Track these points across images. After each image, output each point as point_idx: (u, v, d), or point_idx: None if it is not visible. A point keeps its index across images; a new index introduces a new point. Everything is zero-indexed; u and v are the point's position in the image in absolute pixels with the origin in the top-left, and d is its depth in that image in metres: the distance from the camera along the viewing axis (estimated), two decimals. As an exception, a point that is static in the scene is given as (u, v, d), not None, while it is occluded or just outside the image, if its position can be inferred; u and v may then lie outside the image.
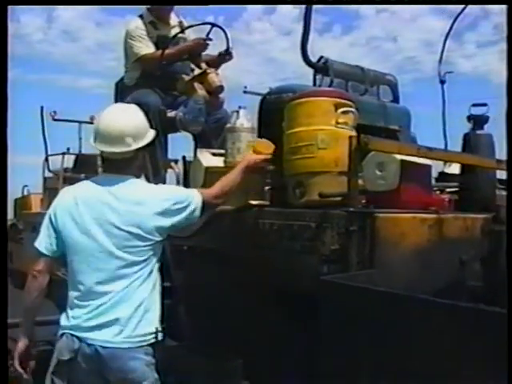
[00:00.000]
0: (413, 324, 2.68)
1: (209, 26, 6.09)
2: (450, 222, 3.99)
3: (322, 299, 3.13)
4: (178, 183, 5.57)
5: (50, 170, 15.04)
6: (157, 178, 5.36)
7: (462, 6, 5.85)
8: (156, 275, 3.58)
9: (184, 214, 3.61)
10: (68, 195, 3.65)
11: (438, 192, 5.48)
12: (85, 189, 3.65)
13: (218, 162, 4.92)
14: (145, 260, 3.49)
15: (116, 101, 6.37)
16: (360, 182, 3.86)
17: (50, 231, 3.63)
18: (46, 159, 14.89)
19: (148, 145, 3.73)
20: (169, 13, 6.40)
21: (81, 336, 3.40)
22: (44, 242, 3.66)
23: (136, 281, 3.46)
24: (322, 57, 5.34)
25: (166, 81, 6.11)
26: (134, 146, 3.61)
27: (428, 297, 2.73)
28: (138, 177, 3.70)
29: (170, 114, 5.94)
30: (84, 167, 14.39)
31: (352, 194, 3.67)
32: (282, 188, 4.25)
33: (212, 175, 4.74)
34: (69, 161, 14.73)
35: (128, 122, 3.64)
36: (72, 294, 3.55)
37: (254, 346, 3.98)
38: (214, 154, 5.08)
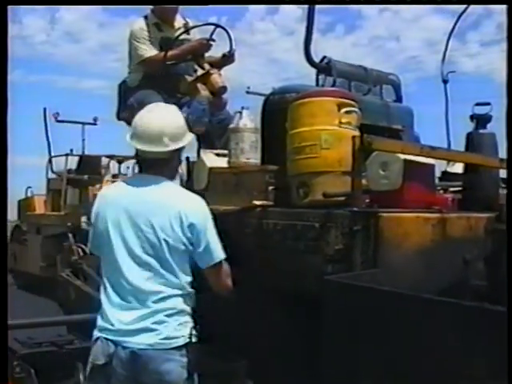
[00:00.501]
0: (417, 323, 2.68)
1: (212, 27, 6.10)
2: (453, 221, 3.99)
3: (326, 299, 3.14)
4: (181, 184, 5.58)
5: (53, 172, 15.10)
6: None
7: (465, 5, 5.87)
8: (191, 279, 3.57)
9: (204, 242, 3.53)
10: (104, 196, 3.69)
11: (441, 191, 5.48)
12: (119, 190, 3.67)
13: (222, 162, 4.93)
14: (176, 265, 3.48)
15: (119, 102, 6.39)
16: (363, 181, 3.87)
17: (92, 232, 3.70)
18: (50, 160, 14.94)
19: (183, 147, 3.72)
20: (174, 14, 6.39)
21: (116, 340, 3.39)
22: (90, 242, 3.76)
23: (172, 284, 3.46)
24: (324, 57, 5.34)
25: (169, 82, 6.11)
26: (172, 147, 3.59)
27: (432, 296, 2.73)
28: (172, 178, 3.69)
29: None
30: (87, 168, 14.44)
31: (356, 193, 3.68)
32: (286, 188, 4.26)
33: (215, 176, 4.75)
34: (72, 162, 14.78)
35: (168, 122, 3.62)
36: (107, 298, 3.54)
37: (257, 345, 3.99)
38: (217, 155, 5.08)
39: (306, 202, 4.07)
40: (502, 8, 3.43)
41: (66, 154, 14.62)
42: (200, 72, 6.05)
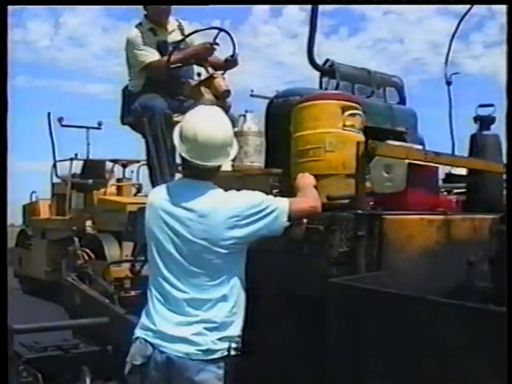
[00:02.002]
0: (422, 325, 2.69)
1: (215, 30, 6.11)
2: (457, 223, 4.00)
3: (330, 301, 3.15)
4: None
5: (58, 176, 15.14)
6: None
7: (467, 6, 5.87)
8: (239, 289, 3.56)
9: (262, 222, 3.48)
10: (152, 203, 3.66)
11: (445, 193, 5.48)
12: (165, 194, 3.62)
13: (226, 165, 4.94)
14: (222, 273, 3.47)
15: (123, 107, 6.39)
16: (367, 184, 3.87)
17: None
18: (54, 165, 14.98)
19: None
20: (167, 17, 6.39)
21: (155, 343, 3.41)
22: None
23: (217, 293, 3.46)
24: (328, 60, 5.34)
25: (172, 85, 6.11)
26: (232, 155, 3.63)
27: (437, 298, 2.74)
28: (216, 183, 3.65)
29: (177, 118, 5.95)
30: (92, 172, 14.48)
31: (360, 196, 3.68)
32: (290, 191, 4.26)
33: (220, 179, 4.76)
34: (77, 166, 14.82)
35: (226, 130, 3.59)
36: (153, 300, 3.54)
37: (261, 348, 3.99)
38: (221, 158, 5.08)
39: (310, 204, 4.07)
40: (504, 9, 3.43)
41: (71, 159, 14.67)
42: (204, 76, 6.06)
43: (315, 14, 4.77)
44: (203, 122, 3.52)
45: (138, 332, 3.51)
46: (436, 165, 4.25)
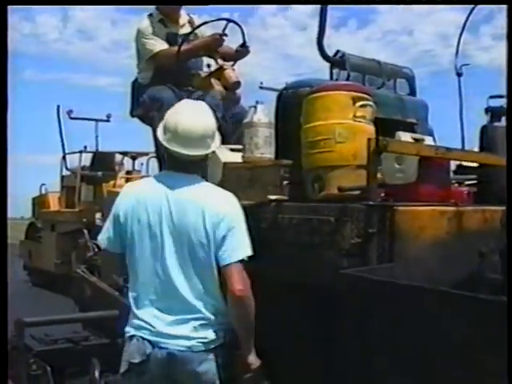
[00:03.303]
0: (433, 316, 2.68)
1: (223, 22, 6.11)
2: (469, 214, 3.98)
3: (342, 293, 3.14)
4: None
5: (67, 169, 15.20)
6: None
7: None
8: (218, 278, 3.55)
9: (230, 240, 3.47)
10: (132, 194, 3.62)
11: (456, 185, 5.46)
12: (150, 188, 3.60)
13: (236, 157, 4.93)
14: (208, 267, 3.47)
15: (132, 99, 6.41)
16: (379, 175, 3.86)
17: (113, 230, 3.62)
18: (64, 157, 15.05)
19: None
20: (178, 10, 6.43)
21: (153, 340, 3.41)
22: (111, 240, 3.64)
23: (209, 286, 3.47)
24: (338, 51, 5.32)
25: (181, 77, 6.12)
26: (213, 148, 3.63)
27: (448, 289, 2.73)
28: (204, 177, 3.69)
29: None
30: (101, 165, 14.52)
31: (371, 187, 3.67)
32: (301, 182, 4.25)
33: (230, 171, 4.75)
34: (86, 159, 14.86)
35: (207, 123, 3.61)
36: (140, 298, 3.52)
37: (273, 342, 3.99)
38: (231, 150, 5.08)
39: (321, 196, 4.06)
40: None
41: (80, 151, 14.72)
42: (213, 67, 6.06)
43: (325, 6, 4.75)
44: (185, 113, 3.59)
45: (132, 331, 3.49)
46: (447, 158, 4.24)
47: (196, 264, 3.43)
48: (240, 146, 4.97)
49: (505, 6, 3.33)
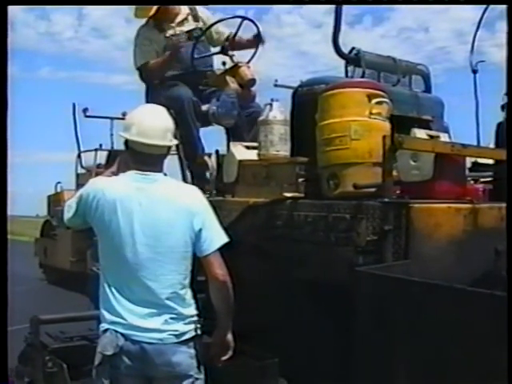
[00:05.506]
0: (449, 314, 2.68)
1: (238, 20, 6.10)
2: (484, 211, 3.98)
3: (357, 290, 3.14)
4: (211, 177, 5.58)
5: (82, 167, 15.19)
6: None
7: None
8: (190, 271, 3.62)
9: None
10: (105, 189, 3.58)
11: (472, 182, 5.45)
12: (122, 186, 3.60)
13: (252, 154, 4.93)
14: (180, 261, 3.53)
15: (147, 97, 6.39)
16: (394, 172, 3.85)
17: (78, 210, 3.67)
18: (79, 156, 15.05)
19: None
20: (172, 10, 6.31)
21: (126, 333, 3.43)
22: (72, 220, 3.75)
23: (181, 280, 3.53)
24: (353, 48, 5.31)
25: (197, 75, 6.12)
26: (173, 142, 3.69)
27: (464, 287, 2.72)
28: (164, 174, 3.70)
29: (203, 107, 5.95)
30: (117, 163, 14.52)
31: (386, 184, 3.67)
32: (316, 180, 4.25)
33: (245, 168, 4.75)
34: (101, 157, 14.86)
35: (168, 119, 3.72)
36: (113, 293, 3.53)
37: (289, 339, 3.99)
38: (247, 147, 5.08)
39: (336, 193, 4.06)
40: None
41: (95, 149, 14.73)
42: (229, 65, 6.05)
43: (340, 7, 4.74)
44: (147, 112, 3.75)
45: (106, 325, 3.51)
46: (463, 155, 4.23)
47: (168, 259, 3.49)
48: (255, 144, 4.98)
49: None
